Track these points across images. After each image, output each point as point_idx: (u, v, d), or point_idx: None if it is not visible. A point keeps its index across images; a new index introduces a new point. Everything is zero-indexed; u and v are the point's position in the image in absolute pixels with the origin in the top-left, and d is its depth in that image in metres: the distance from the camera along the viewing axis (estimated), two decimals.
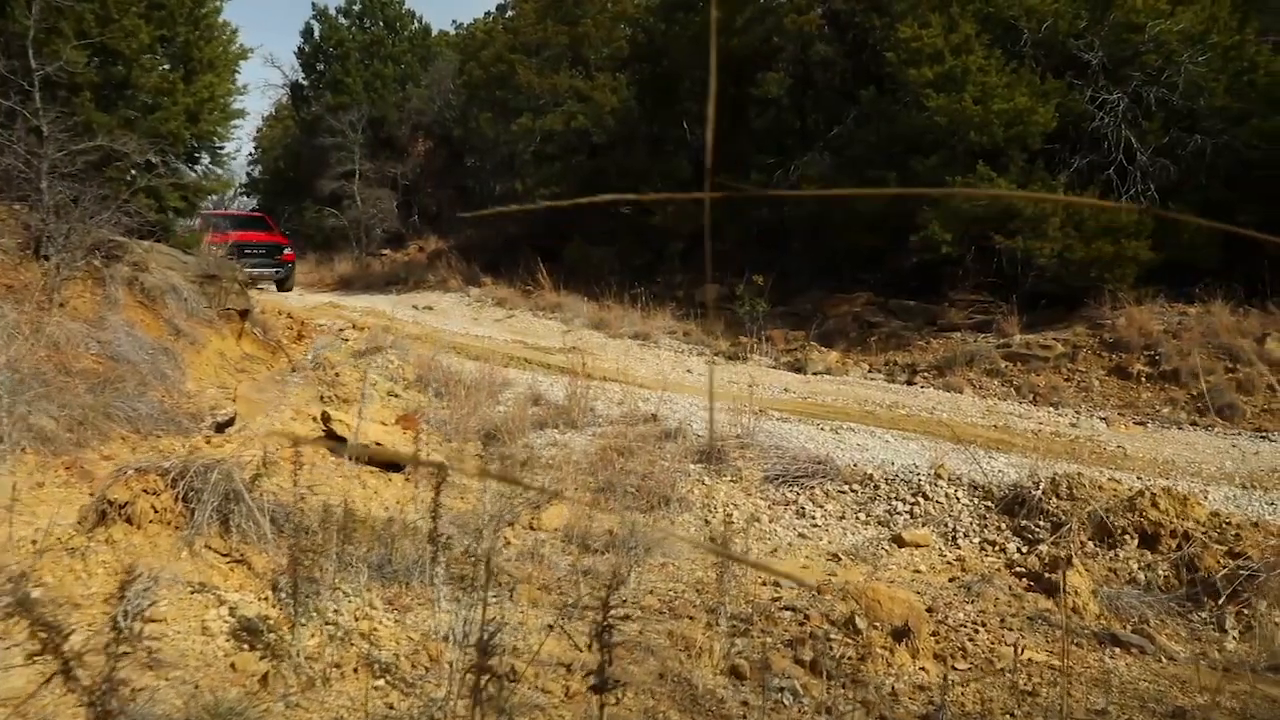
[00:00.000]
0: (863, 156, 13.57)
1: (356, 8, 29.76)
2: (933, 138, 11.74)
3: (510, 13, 23.28)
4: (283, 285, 18.78)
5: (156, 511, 2.47)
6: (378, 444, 4.52)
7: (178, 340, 8.07)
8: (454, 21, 53.13)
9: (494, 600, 2.48)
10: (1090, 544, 3.60)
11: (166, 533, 2.44)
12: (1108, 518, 3.60)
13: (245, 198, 40.41)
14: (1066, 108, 11.29)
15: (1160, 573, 3.39)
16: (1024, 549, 3.74)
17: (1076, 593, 3.16)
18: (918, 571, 3.63)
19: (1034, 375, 9.71)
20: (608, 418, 6.03)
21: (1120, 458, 5.68)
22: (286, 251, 18.98)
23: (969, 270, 11.86)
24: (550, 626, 2.32)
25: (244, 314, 9.95)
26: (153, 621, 2.00)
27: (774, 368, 10.74)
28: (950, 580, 3.44)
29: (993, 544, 3.82)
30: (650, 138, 17.74)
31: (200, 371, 8.19)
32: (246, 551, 2.39)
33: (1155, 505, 3.55)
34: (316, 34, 29.67)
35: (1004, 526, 3.89)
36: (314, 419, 5.07)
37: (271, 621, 2.03)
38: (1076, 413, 8.51)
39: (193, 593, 2.23)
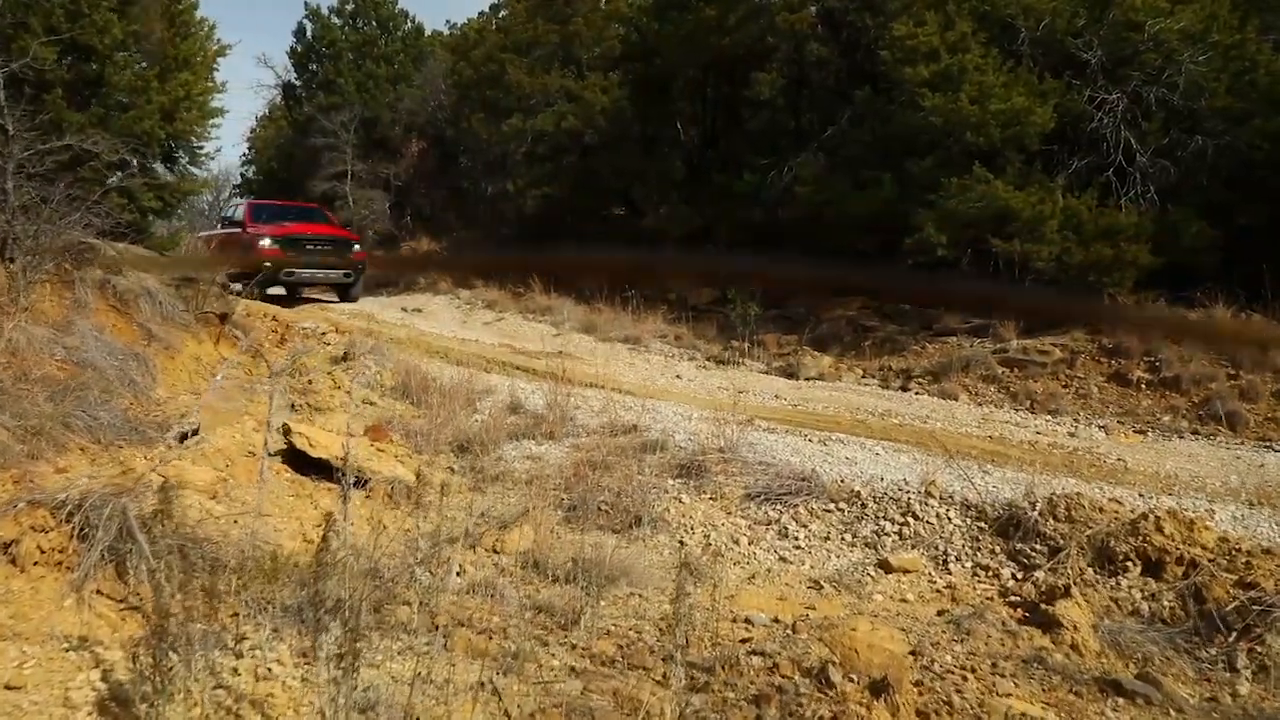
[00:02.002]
0: (858, 157, 13.35)
1: (349, 7, 29.54)
2: (928, 138, 11.52)
3: (503, 12, 23.07)
4: (348, 294, 15.45)
5: (44, 551, 2.22)
6: (339, 458, 4.28)
7: (150, 345, 7.82)
8: (447, 21, 52.93)
9: (425, 649, 2.24)
10: (1090, 571, 3.36)
11: (53, 576, 2.19)
12: (1108, 542, 3.37)
13: (239, 199, 40.16)
14: (1065, 108, 11.07)
15: (1165, 604, 3.16)
16: (1019, 575, 3.50)
17: (1075, 628, 2.93)
18: (904, 601, 3.39)
19: (1031, 381, 9.49)
20: (587, 428, 5.80)
21: (1120, 471, 5.45)
22: (356, 249, 15.28)
23: (965, 273, 11.64)
24: (481, 684, 2.09)
25: (223, 317, 9.71)
26: (10, 689, 1.76)
27: (765, 373, 10.51)
28: (939, 614, 3.19)
29: (986, 569, 3.58)
30: (643, 138, 17.51)
31: (173, 377, 7.94)
32: (147, 596, 2.15)
33: (1160, 529, 3.32)
34: (309, 34, 29.45)
35: (998, 550, 3.66)
36: (277, 431, 4.83)
37: (148, 689, 1.79)
38: (1075, 420, 8.29)
39: (67, 650, 1.98)
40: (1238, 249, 10.59)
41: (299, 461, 4.34)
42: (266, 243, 13.93)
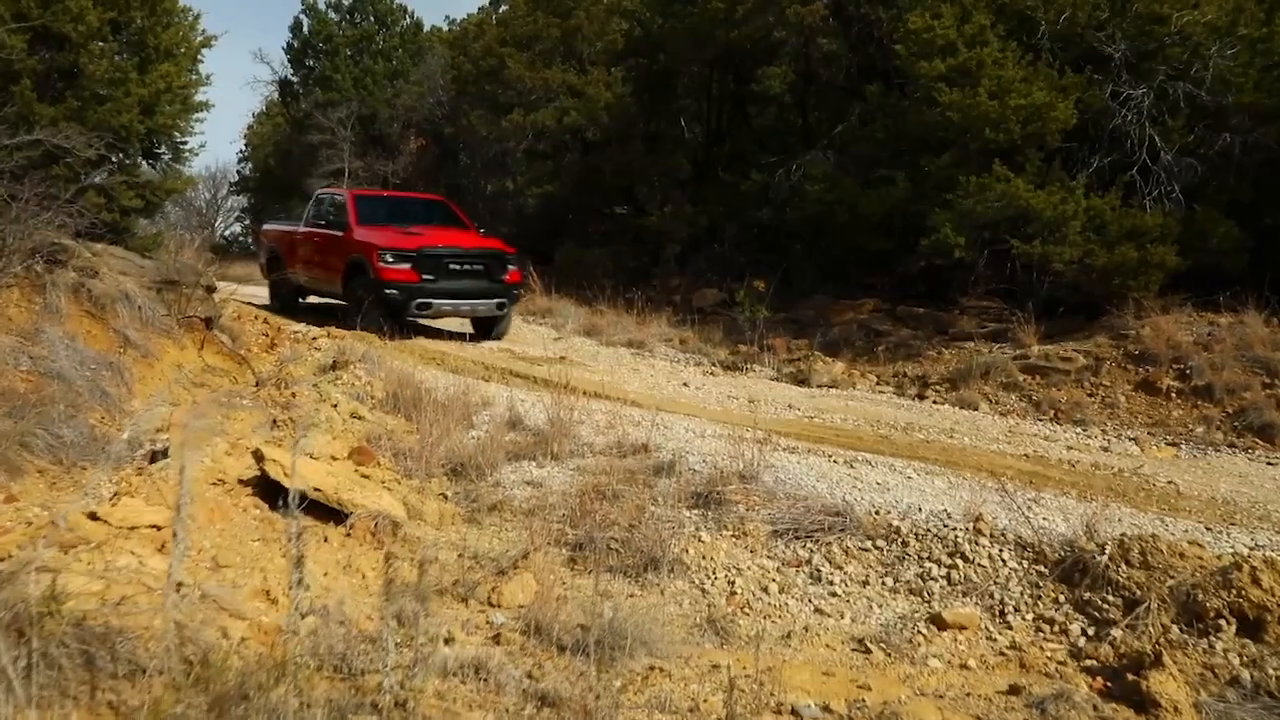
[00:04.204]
0: (868, 155, 12.93)
1: (347, 2, 29.11)
2: (944, 135, 11.09)
3: (503, 7, 22.64)
4: (493, 329, 11.19)
5: None
6: (317, 489, 3.84)
7: (126, 353, 7.39)
8: (447, 17, 52.51)
9: None
10: (1175, 629, 2.93)
11: None
12: (1195, 595, 2.94)
13: (236, 196, 39.69)
14: (1086, 104, 10.64)
15: (1270, 672, 2.72)
16: (1091, 632, 3.05)
17: (1176, 709, 2.50)
18: (965, 668, 2.95)
19: (1054, 390, 9.06)
20: (593, 446, 5.35)
21: (1173, 496, 5.01)
22: (512, 269, 11.06)
23: (981, 275, 11.22)
24: None
25: (209, 321, 9.29)
26: None
27: (776, 379, 10.08)
28: (1012, 690, 2.75)
29: (1051, 623, 3.13)
30: (646, 135, 17.07)
31: (151, 387, 7.50)
32: None
33: (1256, 581, 2.88)
34: (305, 29, 29.00)
35: (1062, 599, 3.21)
36: (250, 455, 4.38)
37: None
38: (1104, 432, 7.87)
39: None
40: (1266, 250, 10.19)
41: (274, 492, 3.89)
42: (392, 260, 10.11)
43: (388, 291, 10.04)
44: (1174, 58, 10.67)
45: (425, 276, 10.16)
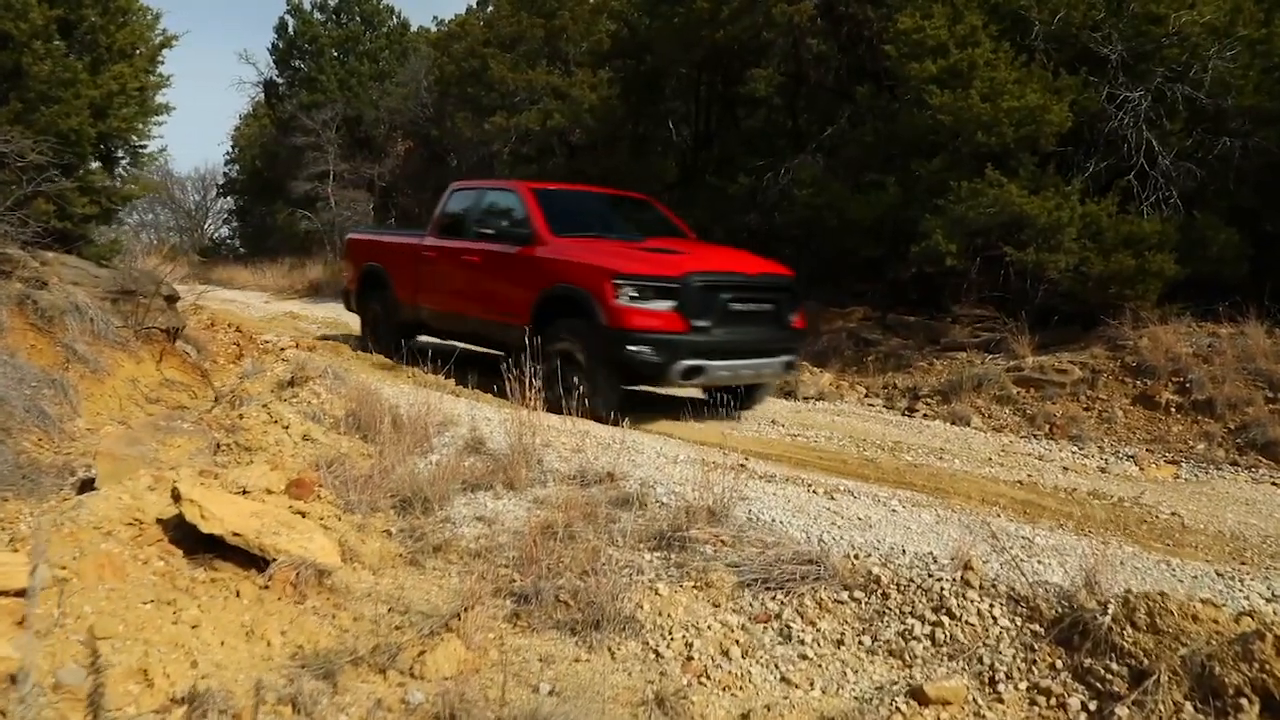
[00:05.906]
0: (859, 159, 12.59)
1: (332, 3, 28.77)
2: (935, 138, 10.75)
3: (490, 7, 22.32)
4: (753, 397, 8.00)
5: None
6: (236, 534, 3.47)
7: (72, 368, 7.01)
8: (434, 18, 52.19)
9: None
10: (1189, 707, 2.58)
11: None
12: (1210, 667, 2.59)
13: (224, 198, 39.29)
14: (1081, 106, 10.31)
15: None
16: (1093, 707, 2.69)
17: None
18: None
19: (1049, 403, 8.73)
20: (557, 474, 4.99)
21: (1178, 531, 4.67)
22: (798, 310, 7.96)
23: (973, 283, 10.90)
24: None
25: (170, 332, 8.93)
26: None
27: None
28: None
29: (1047, 696, 2.77)
30: (633, 137, 16.72)
31: (101, 404, 7.13)
32: None
33: None
34: (291, 29, 28.65)
35: (1060, 665, 2.86)
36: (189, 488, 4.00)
37: None
38: (1101, 450, 7.54)
39: None
40: (1267, 258, 9.88)
41: (195, 536, 3.52)
42: (637, 295, 6.59)
43: (632, 349, 6.47)
44: (1172, 59, 10.35)
45: (696, 323, 6.59)
